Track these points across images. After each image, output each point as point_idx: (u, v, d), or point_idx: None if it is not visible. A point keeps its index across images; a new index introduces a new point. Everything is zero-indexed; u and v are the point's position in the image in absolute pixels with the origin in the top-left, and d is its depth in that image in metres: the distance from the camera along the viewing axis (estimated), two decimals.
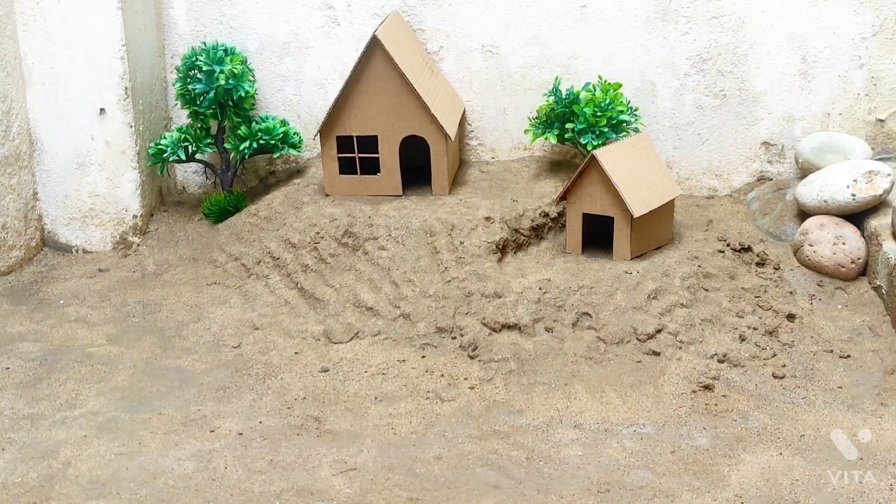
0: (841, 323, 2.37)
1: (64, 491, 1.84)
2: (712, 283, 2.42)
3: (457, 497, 1.80)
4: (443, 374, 2.22)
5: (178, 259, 2.85)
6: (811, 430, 1.99)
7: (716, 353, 2.23)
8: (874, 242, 2.48)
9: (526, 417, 2.07)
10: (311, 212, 2.71)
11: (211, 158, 3.06)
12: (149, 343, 2.42)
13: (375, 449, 1.96)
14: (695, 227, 2.68)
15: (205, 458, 1.93)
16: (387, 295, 2.44)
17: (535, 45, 2.91)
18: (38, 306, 2.64)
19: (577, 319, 2.32)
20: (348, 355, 2.31)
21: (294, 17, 3.00)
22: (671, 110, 2.91)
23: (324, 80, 3.04)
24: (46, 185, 2.95)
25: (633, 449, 1.95)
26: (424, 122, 2.66)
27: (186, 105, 2.91)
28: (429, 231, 2.57)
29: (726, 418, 2.04)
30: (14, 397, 2.19)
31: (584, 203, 2.52)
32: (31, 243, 2.94)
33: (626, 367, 2.21)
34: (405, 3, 2.93)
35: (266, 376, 2.25)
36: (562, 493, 1.80)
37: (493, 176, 2.90)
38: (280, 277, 2.62)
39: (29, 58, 2.84)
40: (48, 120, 2.89)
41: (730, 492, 1.80)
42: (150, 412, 2.11)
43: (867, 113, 2.84)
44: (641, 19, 2.85)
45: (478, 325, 2.32)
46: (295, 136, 2.95)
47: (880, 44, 2.78)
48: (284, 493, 1.81)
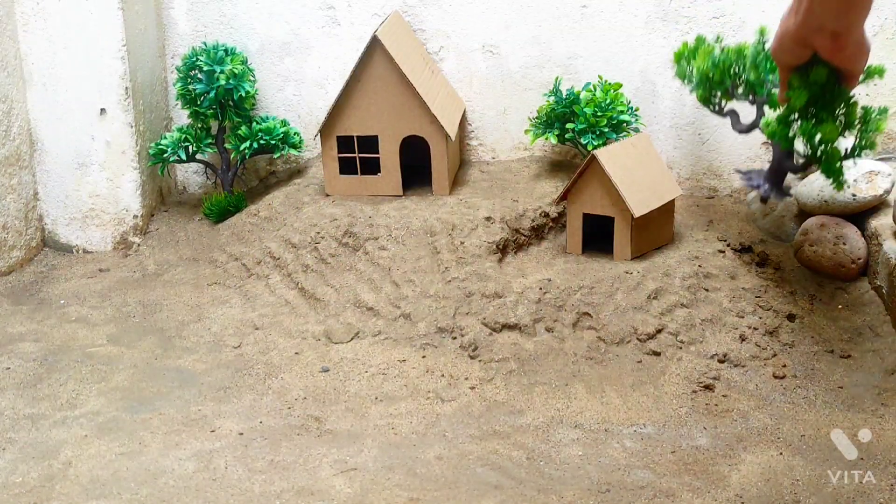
0: (841, 323, 2.37)
1: (64, 491, 1.84)
2: (713, 283, 2.42)
3: (457, 497, 1.80)
4: (443, 374, 2.22)
5: (179, 259, 2.85)
6: (812, 430, 1.99)
7: (716, 353, 2.23)
8: (874, 242, 2.48)
9: (526, 417, 2.07)
10: (312, 212, 2.71)
11: (211, 158, 3.06)
12: (149, 343, 2.42)
13: (376, 449, 1.96)
14: (695, 227, 2.68)
15: (205, 458, 1.93)
16: (387, 295, 2.44)
17: (536, 45, 2.92)
18: (39, 306, 2.64)
19: (578, 319, 2.32)
20: (349, 355, 2.31)
21: (294, 17, 3.00)
22: (672, 110, 2.91)
23: (324, 80, 3.04)
24: (47, 185, 2.95)
25: (634, 449, 1.95)
26: (425, 122, 2.66)
27: (187, 105, 2.92)
28: (429, 231, 2.57)
29: (727, 418, 2.04)
30: (15, 397, 2.19)
31: (584, 203, 2.52)
32: (32, 243, 2.94)
33: (627, 367, 2.22)
34: (405, 3, 2.93)
35: (266, 376, 2.25)
36: (562, 494, 1.80)
37: (494, 176, 2.90)
38: (280, 277, 2.62)
39: (29, 58, 2.84)
40: (49, 120, 2.89)
41: (730, 492, 1.80)
42: (151, 412, 2.12)
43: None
44: (642, 19, 2.85)
45: (478, 325, 2.32)
46: (295, 137, 2.95)
47: (881, 44, 2.78)
48: (285, 493, 1.82)
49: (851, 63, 1.25)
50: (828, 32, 1.18)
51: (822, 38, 1.19)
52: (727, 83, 2.39)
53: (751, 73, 2.33)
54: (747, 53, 2.34)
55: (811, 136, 1.86)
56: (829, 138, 1.89)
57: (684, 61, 2.47)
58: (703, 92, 2.45)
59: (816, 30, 1.18)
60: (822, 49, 1.22)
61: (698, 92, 2.46)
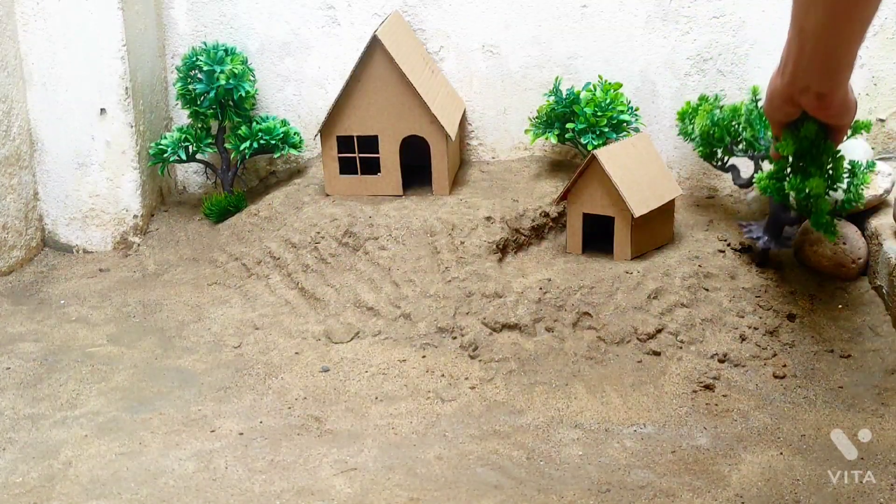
0: (841, 323, 2.37)
1: (65, 491, 1.84)
2: (713, 282, 2.42)
3: (457, 497, 1.80)
4: (443, 374, 2.22)
5: (179, 259, 2.85)
6: (812, 430, 1.99)
7: (716, 353, 2.23)
8: (875, 242, 2.48)
9: (526, 417, 2.07)
10: (312, 212, 2.71)
11: (211, 158, 3.06)
12: (149, 343, 2.42)
13: (376, 449, 1.96)
14: (695, 227, 2.68)
15: (205, 458, 1.93)
16: (387, 295, 2.44)
17: (536, 44, 2.91)
18: (39, 306, 2.64)
19: (578, 319, 2.33)
20: (349, 355, 2.31)
21: (294, 17, 3.00)
22: (672, 110, 2.91)
23: (324, 80, 3.04)
24: (47, 185, 2.95)
25: (634, 449, 1.95)
26: (425, 121, 2.66)
27: (187, 105, 2.92)
28: (429, 231, 2.57)
29: (727, 418, 2.04)
30: (15, 397, 2.19)
31: (584, 203, 2.52)
32: (32, 243, 2.94)
33: (627, 367, 2.22)
34: (406, 3, 2.93)
35: (266, 376, 2.25)
36: (562, 493, 1.80)
37: (494, 176, 2.90)
38: (280, 277, 2.62)
39: (29, 58, 2.84)
40: (49, 120, 2.89)
41: (730, 492, 1.80)
42: (151, 412, 2.12)
43: (868, 113, 2.84)
44: (642, 19, 2.85)
45: (478, 324, 2.32)
46: (295, 136, 2.95)
47: (881, 44, 2.78)
48: (285, 493, 1.82)
49: (838, 120, 1.31)
50: (813, 93, 1.23)
51: (808, 98, 1.24)
52: (727, 140, 2.50)
53: (747, 131, 2.43)
54: (742, 111, 2.45)
55: (799, 191, 1.94)
56: (817, 192, 1.98)
57: (687, 120, 2.59)
58: (704, 149, 2.59)
59: (802, 90, 1.23)
60: (808, 108, 1.27)
61: (700, 149, 2.58)
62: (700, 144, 2.62)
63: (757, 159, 2.48)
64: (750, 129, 2.45)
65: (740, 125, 2.50)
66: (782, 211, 2.36)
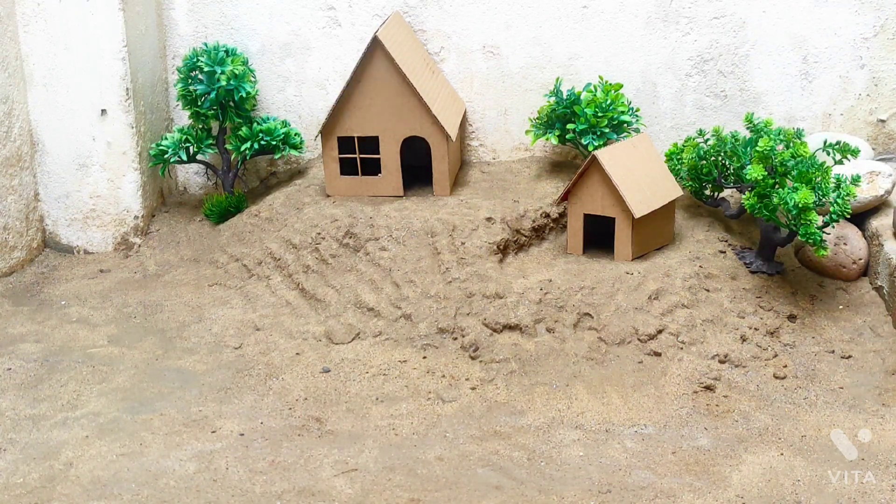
0: (842, 323, 2.37)
1: (65, 491, 1.84)
2: (713, 283, 2.42)
3: (458, 498, 1.80)
4: (444, 375, 2.22)
5: (180, 260, 2.86)
6: (812, 431, 1.99)
7: (717, 354, 2.23)
8: (875, 243, 2.48)
9: (527, 418, 2.07)
10: (313, 212, 2.71)
11: (212, 159, 3.06)
12: (150, 344, 2.42)
13: (377, 449, 1.96)
14: (696, 228, 2.68)
15: (206, 459, 1.94)
16: (388, 295, 2.44)
17: (536, 45, 2.92)
18: (40, 307, 2.64)
19: (579, 320, 2.32)
20: (349, 356, 2.31)
21: (295, 17, 3.00)
22: (672, 111, 2.91)
23: (325, 81, 3.04)
24: (48, 186, 2.95)
25: (635, 449, 1.95)
26: (425, 122, 2.66)
27: (188, 106, 2.92)
28: (430, 232, 2.57)
29: (728, 419, 2.04)
30: (16, 398, 2.19)
31: (585, 203, 2.52)
32: (33, 244, 2.94)
33: (628, 368, 2.22)
34: (406, 4, 2.93)
35: (267, 377, 2.25)
36: (563, 494, 1.80)
37: (494, 177, 2.90)
38: (281, 278, 2.62)
39: (30, 59, 2.84)
40: (49, 121, 2.89)
41: (731, 492, 1.80)
42: (152, 413, 2.12)
43: (868, 113, 2.84)
44: (642, 20, 2.85)
45: (479, 325, 2.32)
46: (296, 137, 2.95)
47: (881, 44, 2.78)
48: (286, 494, 1.82)
49: None
50: None
51: None
52: (714, 174, 2.51)
53: (733, 162, 2.45)
54: (728, 141, 2.47)
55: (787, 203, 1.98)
56: (805, 204, 2.02)
57: (675, 159, 2.63)
58: (694, 184, 2.61)
59: None
60: None
61: (689, 186, 2.61)
62: (689, 180, 2.64)
63: (744, 190, 2.48)
64: (736, 160, 2.46)
65: (726, 156, 2.52)
66: (773, 231, 2.39)
